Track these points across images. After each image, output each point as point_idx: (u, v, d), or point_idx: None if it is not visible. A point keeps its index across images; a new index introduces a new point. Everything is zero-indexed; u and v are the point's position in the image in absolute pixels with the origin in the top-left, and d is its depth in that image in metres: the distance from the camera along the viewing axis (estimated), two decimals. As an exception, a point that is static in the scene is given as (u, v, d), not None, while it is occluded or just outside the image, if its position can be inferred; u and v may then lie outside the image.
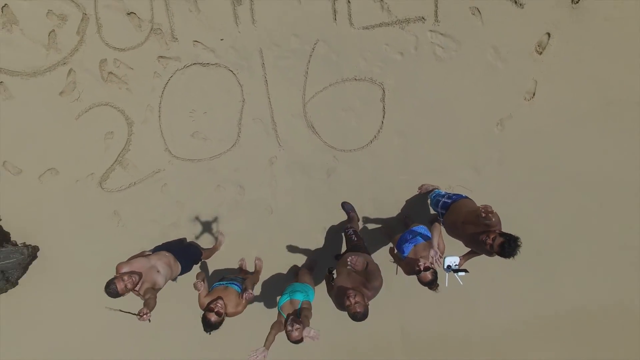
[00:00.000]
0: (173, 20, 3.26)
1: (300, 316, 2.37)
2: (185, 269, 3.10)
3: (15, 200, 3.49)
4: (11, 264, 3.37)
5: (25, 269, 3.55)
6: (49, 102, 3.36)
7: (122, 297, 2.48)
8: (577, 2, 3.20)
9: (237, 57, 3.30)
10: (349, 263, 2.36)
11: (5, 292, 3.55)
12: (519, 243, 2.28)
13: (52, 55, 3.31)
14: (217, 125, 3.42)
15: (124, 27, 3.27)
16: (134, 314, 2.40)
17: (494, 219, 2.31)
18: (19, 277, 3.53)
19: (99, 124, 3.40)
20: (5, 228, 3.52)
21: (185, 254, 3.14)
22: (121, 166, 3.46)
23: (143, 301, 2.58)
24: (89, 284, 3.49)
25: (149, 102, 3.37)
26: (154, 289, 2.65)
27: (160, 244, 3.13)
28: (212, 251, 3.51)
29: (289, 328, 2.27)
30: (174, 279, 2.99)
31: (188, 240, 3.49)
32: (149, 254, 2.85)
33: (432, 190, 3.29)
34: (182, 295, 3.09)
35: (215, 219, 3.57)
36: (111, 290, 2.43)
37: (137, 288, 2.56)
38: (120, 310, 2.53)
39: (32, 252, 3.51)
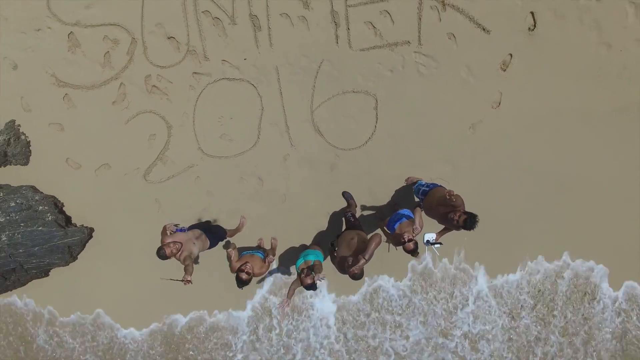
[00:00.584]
0: (205, 43, 4.00)
1: (313, 270, 3.14)
2: (213, 244, 3.87)
3: (75, 190, 4.26)
4: (75, 241, 4.15)
5: (83, 246, 4.33)
6: (103, 110, 4.11)
7: (168, 259, 3.24)
8: (533, 30, 3.96)
9: (258, 73, 4.05)
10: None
11: (67, 265, 4.33)
12: (478, 219, 3.05)
13: (106, 72, 4.06)
14: (241, 128, 4.18)
15: (165, 48, 4.02)
16: (180, 280, 3.16)
17: (457, 201, 3.09)
18: (78, 253, 4.32)
19: (143, 128, 4.16)
20: (68, 213, 4.30)
21: (213, 232, 3.90)
22: (162, 162, 4.23)
23: (183, 267, 3.34)
24: (135, 257, 4.31)
25: (185, 110, 4.12)
26: (191, 257, 3.40)
27: (195, 223, 3.93)
28: (235, 231, 4.28)
29: (302, 276, 3.06)
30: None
31: (216, 223, 4.28)
32: (187, 230, 3.62)
33: (416, 181, 4.07)
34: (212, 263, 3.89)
35: (239, 205, 4.34)
36: (161, 254, 3.17)
37: (177, 255, 3.31)
38: (171, 279, 3.30)
39: (89, 232, 4.29)
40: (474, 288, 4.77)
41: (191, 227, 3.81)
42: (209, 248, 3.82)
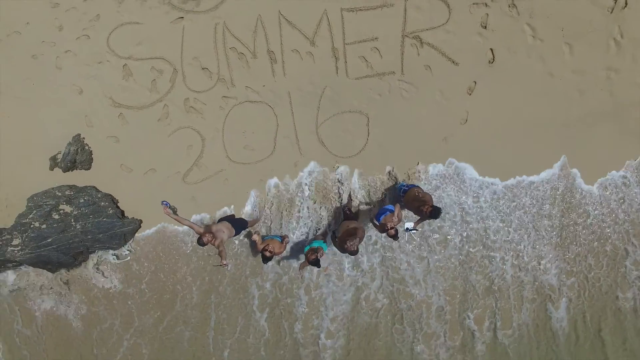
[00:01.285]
0: (232, 73, 5.04)
1: (316, 252, 4.24)
2: (237, 233, 4.96)
3: (127, 189, 5.32)
4: (129, 230, 5.24)
5: (133, 234, 5.41)
6: (150, 126, 5.16)
7: (206, 246, 4.33)
8: (492, 63, 4.99)
9: (274, 97, 5.10)
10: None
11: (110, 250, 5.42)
12: (441, 211, 4.15)
13: (153, 96, 5.11)
14: (260, 140, 5.22)
15: (200, 77, 5.05)
16: (221, 265, 4.30)
17: (426, 197, 4.18)
18: (130, 240, 5.41)
19: (182, 140, 5.20)
20: (122, 207, 5.37)
21: (237, 224, 4.98)
22: (197, 167, 5.29)
23: (218, 252, 4.44)
24: (178, 244, 5.40)
25: (216, 126, 5.17)
26: (222, 244, 4.49)
27: (223, 217, 5.02)
28: (254, 222, 5.36)
29: (309, 255, 4.16)
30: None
31: (239, 216, 5.35)
32: (217, 223, 4.72)
33: (399, 182, 5.14)
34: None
35: (258, 203, 5.41)
36: (200, 242, 4.26)
37: (212, 242, 4.40)
38: (215, 265, 4.42)
39: (139, 223, 5.37)
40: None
41: (220, 220, 4.90)
42: (234, 236, 4.92)
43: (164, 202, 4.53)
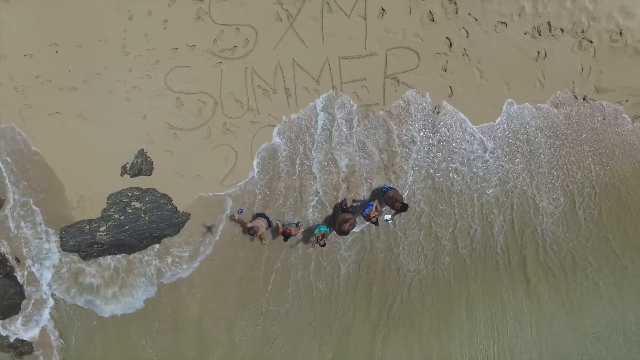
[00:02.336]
0: (258, 104, 6.78)
1: (323, 235, 6.07)
2: (270, 225, 6.79)
3: (180, 190, 7.10)
4: (182, 221, 7.04)
5: (183, 224, 7.20)
6: (197, 143, 6.90)
7: (253, 236, 6.17)
8: (451, 96, 6.76)
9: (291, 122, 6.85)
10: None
11: (173, 236, 7.22)
12: (408, 207, 5.98)
13: (199, 120, 6.85)
14: (279, 153, 7.00)
15: (234, 107, 6.80)
16: (262, 244, 6.16)
17: (396, 196, 6.00)
18: (181, 228, 7.20)
19: (221, 154, 6.96)
20: (175, 204, 7.16)
21: (269, 218, 6.81)
22: (232, 174, 7.06)
23: (260, 238, 6.29)
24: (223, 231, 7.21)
25: (247, 143, 6.93)
26: (263, 233, 6.33)
27: (258, 213, 6.84)
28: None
29: (319, 237, 5.99)
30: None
31: (269, 211, 7.15)
32: (256, 218, 6.55)
33: (382, 185, 6.95)
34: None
35: (284, 204, 7.20)
36: (250, 232, 6.12)
37: (256, 233, 6.24)
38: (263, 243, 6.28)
39: (188, 216, 7.16)
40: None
41: (257, 215, 6.73)
42: (268, 228, 6.75)
43: (240, 211, 6.40)
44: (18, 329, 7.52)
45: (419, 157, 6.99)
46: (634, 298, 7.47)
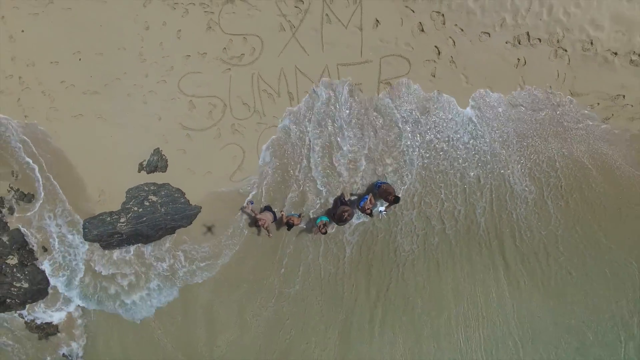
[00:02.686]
0: (263, 107, 7.44)
1: (324, 224, 6.77)
2: (275, 219, 7.47)
3: (192, 185, 7.77)
4: (194, 214, 7.73)
5: (195, 217, 7.89)
6: (208, 142, 7.57)
7: (260, 227, 6.88)
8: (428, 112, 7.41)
9: (293, 123, 7.52)
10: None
11: (186, 227, 7.90)
12: (399, 199, 6.67)
13: (209, 122, 7.52)
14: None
15: (242, 109, 7.46)
16: (268, 236, 6.85)
17: (389, 189, 6.69)
18: (193, 220, 7.89)
19: (230, 152, 7.63)
20: (188, 197, 7.84)
21: (273, 212, 7.50)
22: (239, 170, 7.73)
23: (266, 228, 6.98)
24: (232, 225, 7.89)
25: (253, 143, 7.60)
26: (269, 225, 7.04)
27: (264, 206, 7.53)
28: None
29: (321, 226, 6.69)
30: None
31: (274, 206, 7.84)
32: (263, 212, 7.24)
33: (376, 181, 7.63)
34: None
35: (289, 199, 7.88)
36: (257, 224, 6.82)
37: (263, 224, 6.94)
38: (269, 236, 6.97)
39: (199, 209, 7.84)
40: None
41: (264, 209, 7.41)
42: (273, 221, 7.43)
43: (251, 202, 7.09)
44: (44, 312, 8.22)
45: (412, 140, 7.55)
46: (603, 288, 8.13)
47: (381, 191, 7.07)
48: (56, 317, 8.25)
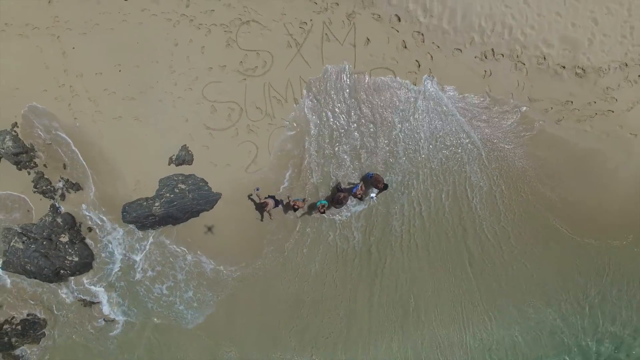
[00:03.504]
0: (273, 110, 8.95)
1: (324, 207, 8.34)
2: (276, 205, 9.03)
3: (213, 176, 9.29)
4: (216, 199, 9.28)
5: (216, 202, 9.44)
6: (227, 140, 9.07)
7: (264, 209, 8.46)
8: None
9: (299, 122, 9.04)
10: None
11: (208, 211, 9.46)
12: (388, 186, 8.25)
13: (228, 123, 9.03)
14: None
15: (255, 112, 8.97)
16: (270, 219, 8.44)
17: (378, 178, 8.27)
18: (214, 205, 9.44)
19: (246, 148, 9.14)
20: (210, 186, 9.38)
21: (275, 199, 9.06)
22: (254, 163, 9.26)
23: (268, 212, 8.56)
24: (241, 206, 9.47)
25: (265, 140, 9.12)
26: (270, 208, 8.62)
27: (267, 195, 9.09)
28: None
29: (320, 207, 8.25)
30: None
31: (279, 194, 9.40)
32: (267, 198, 8.81)
33: (368, 172, 9.19)
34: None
35: (293, 190, 9.43)
36: (262, 206, 8.39)
37: (267, 207, 8.53)
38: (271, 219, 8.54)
39: (219, 196, 9.40)
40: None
41: (268, 197, 8.96)
42: (275, 207, 8.98)
43: (257, 188, 8.62)
44: (89, 283, 9.82)
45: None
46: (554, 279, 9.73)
47: (373, 180, 8.63)
48: (98, 287, 9.84)
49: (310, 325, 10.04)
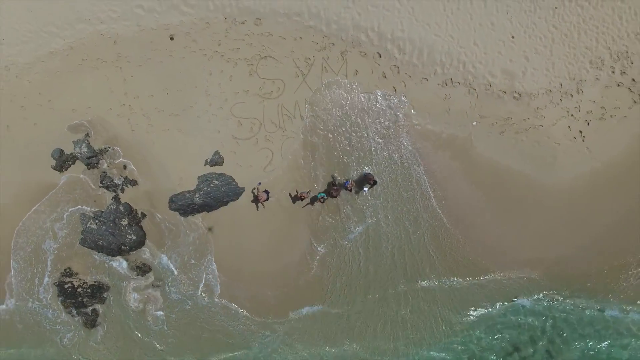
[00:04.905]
0: (285, 124, 11.77)
1: (323, 197, 11.25)
2: (267, 198, 11.91)
3: (240, 175, 12.16)
4: (240, 192, 12.16)
5: (241, 195, 12.33)
6: (250, 147, 11.90)
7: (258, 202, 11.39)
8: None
9: (305, 133, 11.89)
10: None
11: (234, 201, 12.36)
12: (377, 182, 11.18)
13: (251, 134, 11.86)
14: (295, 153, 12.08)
15: (271, 126, 11.77)
16: (264, 207, 11.38)
17: (369, 176, 11.18)
18: (240, 196, 12.34)
19: (264, 153, 11.94)
20: (237, 181, 12.26)
21: (269, 193, 11.94)
22: (270, 165, 12.10)
23: (262, 202, 11.50)
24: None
25: (278, 147, 11.95)
26: (265, 200, 11.55)
27: (264, 190, 12.00)
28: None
29: (320, 199, 11.16)
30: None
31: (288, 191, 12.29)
32: (262, 192, 11.72)
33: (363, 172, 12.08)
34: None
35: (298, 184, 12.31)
36: (257, 199, 11.32)
37: (262, 199, 11.45)
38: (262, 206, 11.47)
39: (244, 189, 12.28)
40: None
41: (264, 191, 11.86)
42: (266, 199, 11.88)
43: (259, 183, 11.49)
44: (142, 256, 12.78)
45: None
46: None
47: (365, 178, 11.52)
48: (150, 260, 12.81)
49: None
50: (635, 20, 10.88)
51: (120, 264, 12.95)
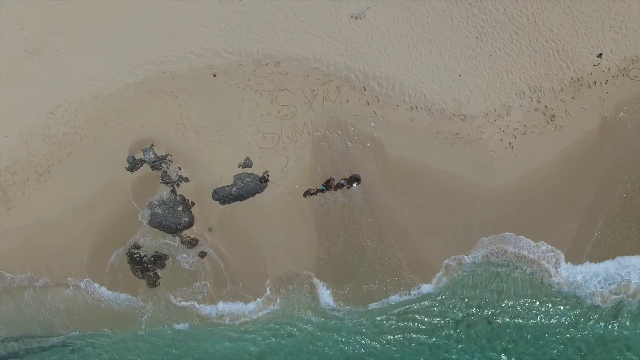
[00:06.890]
0: (297, 138, 16.29)
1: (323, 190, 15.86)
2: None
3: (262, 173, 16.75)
4: (264, 187, 16.78)
5: (265, 188, 16.92)
6: (272, 155, 16.44)
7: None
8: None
9: (311, 143, 16.43)
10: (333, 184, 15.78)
11: (254, 196, 16.97)
12: (360, 180, 15.82)
13: (272, 145, 16.39)
14: (304, 162, 16.64)
15: (287, 140, 16.30)
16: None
17: (357, 175, 15.81)
18: (263, 190, 16.93)
19: (282, 159, 16.46)
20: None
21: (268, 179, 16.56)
22: (286, 167, 16.63)
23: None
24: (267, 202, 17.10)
25: (293, 154, 16.49)
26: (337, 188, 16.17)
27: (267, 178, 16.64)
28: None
29: (321, 192, 15.78)
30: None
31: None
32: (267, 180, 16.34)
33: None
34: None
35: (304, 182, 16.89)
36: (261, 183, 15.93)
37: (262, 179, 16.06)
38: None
39: (266, 185, 16.87)
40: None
41: (267, 179, 16.48)
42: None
43: (267, 171, 16.18)
44: (198, 234, 17.44)
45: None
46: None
47: (355, 177, 16.13)
48: (195, 235, 17.48)
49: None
50: (545, 64, 15.33)
51: (174, 239, 17.64)
